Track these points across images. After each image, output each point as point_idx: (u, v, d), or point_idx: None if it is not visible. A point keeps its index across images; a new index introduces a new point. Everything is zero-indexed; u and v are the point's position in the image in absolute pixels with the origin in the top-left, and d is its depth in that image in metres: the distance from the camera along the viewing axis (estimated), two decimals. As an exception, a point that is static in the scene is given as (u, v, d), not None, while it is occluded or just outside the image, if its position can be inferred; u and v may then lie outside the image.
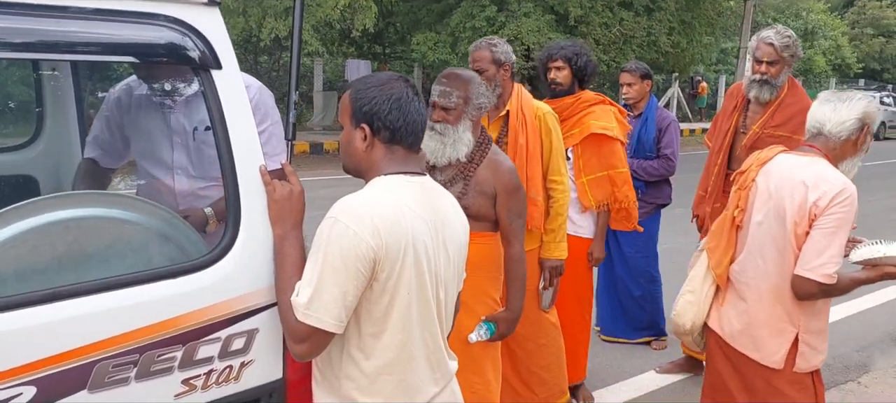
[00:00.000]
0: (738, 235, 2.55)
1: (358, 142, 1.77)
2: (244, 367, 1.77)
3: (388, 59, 20.89)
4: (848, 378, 4.45)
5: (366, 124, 1.76)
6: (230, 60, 1.71)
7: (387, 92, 1.75)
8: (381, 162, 1.78)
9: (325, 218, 1.69)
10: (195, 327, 1.65)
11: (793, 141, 3.75)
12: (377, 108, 1.75)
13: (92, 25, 1.54)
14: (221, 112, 1.69)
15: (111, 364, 1.54)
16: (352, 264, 1.63)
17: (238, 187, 1.71)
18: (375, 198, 1.71)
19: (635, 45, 17.24)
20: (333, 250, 1.63)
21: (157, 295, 1.60)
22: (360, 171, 1.83)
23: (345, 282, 1.63)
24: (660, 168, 4.54)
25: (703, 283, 2.60)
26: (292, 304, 1.67)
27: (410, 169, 1.81)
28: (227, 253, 1.71)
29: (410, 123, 1.78)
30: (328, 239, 1.65)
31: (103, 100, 2.66)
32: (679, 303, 2.65)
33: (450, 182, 2.71)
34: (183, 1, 1.64)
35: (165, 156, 2.42)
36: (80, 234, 1.58)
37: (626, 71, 4.66)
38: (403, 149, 1.80)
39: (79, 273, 1.56)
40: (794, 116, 3.78)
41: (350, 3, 14.21)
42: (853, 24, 37.00)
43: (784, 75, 3.81)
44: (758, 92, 3.83)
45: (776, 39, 3.76)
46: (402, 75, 1.84)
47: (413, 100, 1.78)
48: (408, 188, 1.77)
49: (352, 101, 1.78)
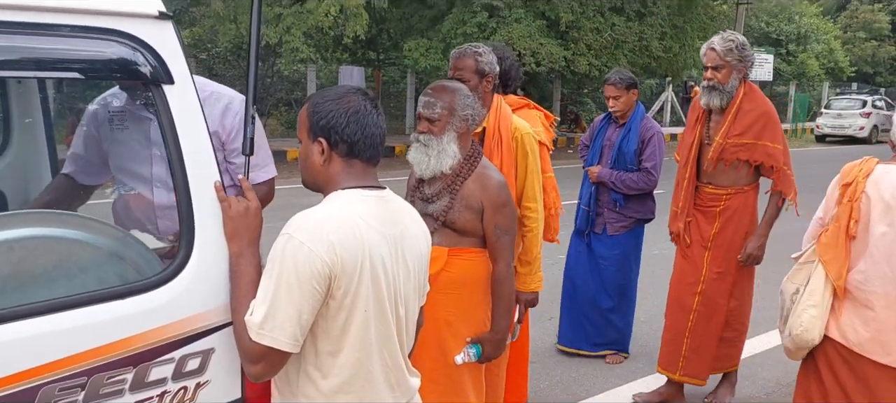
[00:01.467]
0: (852, 245, 2.58)
1: (315, 157, 1.75)
2: (200, 388, 1.73)
3: (382, 66, 20.88)
4: None
5: (323, 138, 1.73)
6: (183, 75, 1.67)
7: (344, 105, 1.73)
8: (338, 176, 1.76)
9: (281, 234, 1.65)
10: (147, 348, 1.62)
11: (758, 147, 3.75)
12: (334, 122, 1.72)
13: (37, 41, 1.50)
14: (174, 128, 1.65)
15: (57, 388, 1.50)
16: (306, 281, 1.60)
17: (191, 204, 1.68)
18: (331, 214, 1.68)
19: (627, 50, 17.26)
20: (288, 267, 1.60)
21: (105, 316, 1.56)
22: (318, 186, 1.80)
23: (299, 301, 1.60)
24: (639, 181, 4.42)
25: (823, 296, 2.62)
26: (246, 323, 1.63)
27: (369, 182, 1.78)
28: (180, 272, 1.67)
29: (368, 136, 1.75)
30: (282, 257, 1.61)
31: (71, 111, 2.62)
32: (804, 318, 2.63)
33: (436, 196, 2.66)
34: (132, 15, 1.61)
35: (143, 170, 2.38)
36: (25, 255, 1.54)
37: (610, 84, 4.50)
38: (362, 163, 1.77)
39: (24, 294, 1.52)
40: (755, 122, 3.75)
41: (341, 10, 14.21)
42: (845, 28, 37.08)
43: (734, 80, 3.75)
44: (707, 98, 3.79)
45: (719, 44, 3.74)
46: (361, 88, 1.82)
47: (371, 113, 1.75)
48: (365, 202, 1.74)
49: (309, 116, 1.76)
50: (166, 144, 1.66)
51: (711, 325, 3.91)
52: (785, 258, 2.85)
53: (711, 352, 3.95)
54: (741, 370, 4.65)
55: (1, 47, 1.48)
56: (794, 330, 2.67)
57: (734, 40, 3.75)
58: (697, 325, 3.93)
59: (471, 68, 3.05)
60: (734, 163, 3.80)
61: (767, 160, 3.78)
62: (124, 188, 2.45)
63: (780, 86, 30.95)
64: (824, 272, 2.62)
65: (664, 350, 4.09)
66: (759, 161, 3.78)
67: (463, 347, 2.68)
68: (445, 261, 2.64)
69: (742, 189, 3.85)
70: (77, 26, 1.56)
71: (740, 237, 3.86)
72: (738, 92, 3.78)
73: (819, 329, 2.62)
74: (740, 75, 3.78)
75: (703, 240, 3.91)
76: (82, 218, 1.79)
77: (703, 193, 3.93)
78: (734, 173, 3.83)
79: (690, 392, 4.20)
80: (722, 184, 3.86)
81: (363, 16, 14.47)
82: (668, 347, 4.05)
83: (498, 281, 2.66)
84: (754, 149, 3.76)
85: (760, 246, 3.85)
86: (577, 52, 16.48)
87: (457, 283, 2.66)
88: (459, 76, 3.03)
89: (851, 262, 2.58)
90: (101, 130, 2.45)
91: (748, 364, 4.75)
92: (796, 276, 2.76)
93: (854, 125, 23.58)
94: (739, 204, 3.85)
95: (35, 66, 1.58)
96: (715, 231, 3.87)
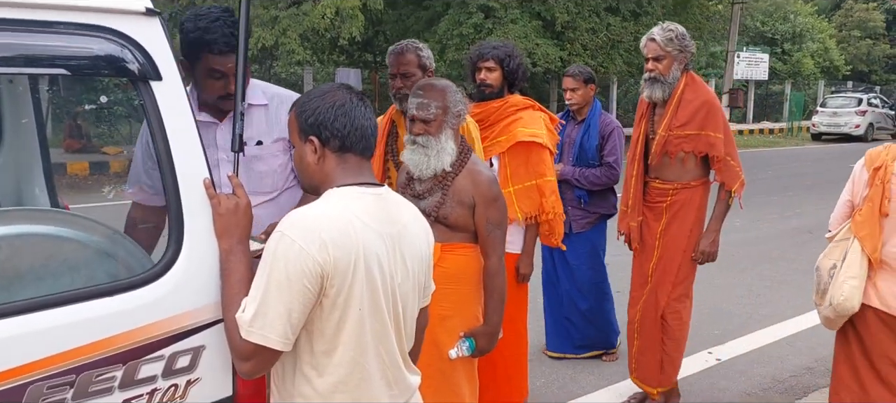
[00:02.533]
0: (884, 222, 2.89)
1: (309, 156, 1.75)
2: (190, 385, 1.72)
3: (378, 67, 20.88)
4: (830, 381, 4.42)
5: (314, 136, 1.73)
6: (171, 71, 1.67)
7: (330, 100, 1.73)
8: (334, 173, 1.75)
9: (274, 231, 1.65)
10: (136, 345, 1.61)
11: (701, 138, 3.65)
12: (322, 118, 1.72)
13: (23, 37, 1.49)
14: (162, 124, 1.65)
15: (45, 386, 1.49)
16: (297, 280, 1.59)
17: (180, 201, 1.67)
18: (325, 212, 1.67)
19: (622, 50, 17.30)
20: (279, 266, 1.60)
21: (94, 313, 1.55)
22: (316, 186, 1.79)
23: (290, 299, 1.60)
24: (602, 176, 4.37)
25: (861, 268, 2.93)
26: (237, 321, 1.63)
27: (365, 179, 1.77)
28: (169, 269, 1.66)
29: (358, 128, 1.74)
30: (274, 255, 1.61)
31: (68, 115, 2.60)
32: (845, 289, 2.93)
33: (428, 192, 2.67)
34: (120, 11, 1.60)
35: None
36: (11, 252, 1.54)
37: (568, 76, 4.47)
38: (356, 157, 1.77)
39: (10, 292, 1.51)
40: (697, 112, 3.65)
41: (337, 12, 14.21)
42: (841, 27, 37.17)
43: (675, 71, 3.66)
44: (650, 90, 3.72)
45: (658, 34, 3.66)
46: (345, 84, 1.81)
47: (358, 105, 1.75)
48: (361, 200, 1.73)
49: (297, 117, 1.76)
50: (155, 141, 1.65)
51: (654, 324, 3.81)
52: (776, 258, 2.86)
53: (657, 356, 3.83)
54: (736, 364, 4.68)
55: (-13, 44, 1.48)
56: (835, 299, 2.95)
57: (674, 30, 3.67)
58: (642, 325, 3.85)
59: (414, 63, 3.08)
60: (680, 156, 3.69)
61: (710, 150, 3.67)
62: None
63: (775, 86, 31.04)
64: (860, 247, 2.92)
65: (628, 354, 4.03)
66: (702, 151, 3.67)
67: (456, 341, 2.69)
68: (438, 257, 2.64)
69: (688, 184, 3.73)
70: (64, 23, 1.55)
71: (684, 234, 3.73)
72: (680, 82, 3.69)
73: (858, 298, 2.93)
74: (682, 66, 3.69)
75: (651, 237, 3.81)
76: (71, 215, 1.79)
77: (651, 189, 3.84)
78: (681, 167, 3.72)
79: (686, 390, 4.21)
80: (668, 178, 3.76)
81: (359, 18, 14.48)
82: (628, 351, 4.01)
83: (490, 274, 2.68)
84: (697, 140, 3.66)
85: (713, 242, 3.75)
86: (573, 52, 16.51)
87: (450, 278, 2.66)
88: (405, 71, 3.07)
89: (885, 237, 2.88)
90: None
91: (743, 360, 4.77)
92: (832, 253, 3.03)
93: (850, 123, 23.62)
94: (685, 200, 3.73)
95: (22, 63, 1.57)
96: (661, 227, 3.78)
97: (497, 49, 3.45)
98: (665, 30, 3.67)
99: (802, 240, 8.42)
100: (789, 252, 7.88)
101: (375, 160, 3.04)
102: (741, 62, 25.51)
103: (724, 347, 4.99)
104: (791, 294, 6.33)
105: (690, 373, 4.47)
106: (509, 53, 3.41)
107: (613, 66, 17.74)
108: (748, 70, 26.85)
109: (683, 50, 3.65)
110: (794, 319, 5.61)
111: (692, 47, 3.72)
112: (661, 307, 3.78)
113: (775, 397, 4.25)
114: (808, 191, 12.20)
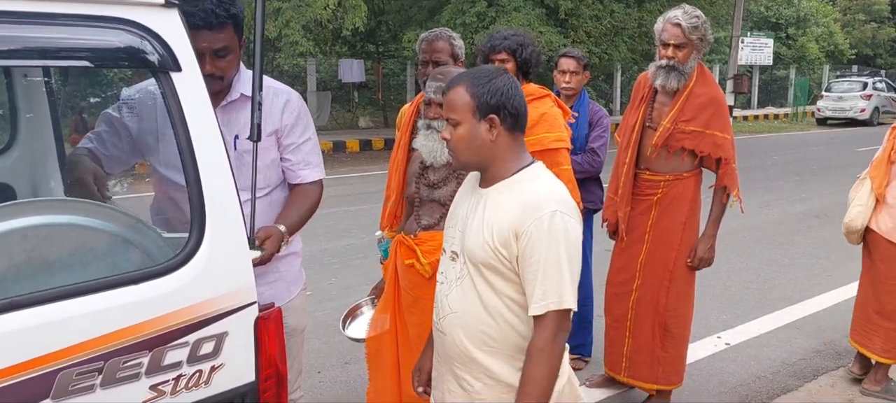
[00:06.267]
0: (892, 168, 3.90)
1: (484, 134, 1.89)
2: (214, 371, 1.75)
3: (381, 58, 20.86)
4: (840, 363, 4.45)
5: (494, 114, 1.87)
6: (190, 62, 1.69)
7: (506, 81, 1.88)
8: (509, 150, 1.92)
9: (543, 213, 1.82)
10: (162, 332, 1.64)
11: (705, 136, 3.44)
12: (504, 98, 1.86)
13: (45, 30, 1.52)
14: (182, 115, 1.67)
15: (75, 372, 1.52)
16: (578, 248, 1.87)
17: (202, 189, 1.69)
18: (561, 188, 1.92)
19: (626, 37, 17.23)
20: (571, 239, 1.84)
21: (120, 301, 1.58)
22: (485, 163, 1.94)
23: (578, 264, 1.88)
24: (584, 163, 4.07)
25: (868, 199, 3.93)
26: (559, 312, 1.84)
27: (529, 157, 1.99)
28: (192, 257, 1.69)
29: (525, 109, 1.93)
30: (557, 233, 1.82)
31: (73, 109, 2.60)
32: (853, 213, 3.99)
33: (443, 181, 2.66)
34: (139, 3, 1.62)
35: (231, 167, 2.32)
36: (39, 242, 1.56)
37: (570, 57, 4.18)
38: (522, 136, 1.95)
39: (39, 281, 1.54)
40: (705, 107, 3.45)
41: (340, 3, 14.18)
42: (845, 11, 36.96)
43: (693, 61, 3.44)
44: (664, 79, 3.44)
45: (684, 20, 3.38)
46: (499, 67, 1.99)
47: (519, 87, 1.92)
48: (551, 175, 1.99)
49: (473, 97, 1.87)
50: (175, 131, 1.67)
51: (651, 323, 3.62)
52: (783, 242, 2.85)
53: (654, 353, 3.64)
54: (748, 349, 4.69)
55: (10, 37, 1.50)
56: (846, 218, 4.04)
57: (700, 16, 3.42)
58: (636, 323, 3.66)
59: (447, 51, 3.06)
60: (677, 151, 3.50)
61: (715, 151, 3.47)
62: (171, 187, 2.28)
63: (780, 70, 30.89)
64: (870, 184, 3.94)
65: (608, 350, 3.83)
66: (705, 152, 3.47)
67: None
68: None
69: (681, 175, 3.54)
70: (85, 15, 1.57)
71: (678, 227, 3.55)
72: (693, 74, 3.46)
73: (862, 221, 3.95)
74: (699, 56, 3.47)
75: (640, 231, 3.62)
76: (95, 205, 1.81)
77: (640, 180, 3.62)
78: (676, 160, 3.52)
79: (695, 375, 4.23)
80: (660, 170, 3.55)
81: (362, 8, 14.44)
82: (611, 347, 3.79)
83: None
84: (701, 139, 3.46)
85: (710, 248, 3.56)
86: (577, 39, 16.45)
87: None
88: (437, 59, 3.03)
89: (889, 178, 3.90)
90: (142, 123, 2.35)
91: (752, 344, 4.79)
92: (858, 188, 4.06)
93: (855, 107, 23.54)
94: (678, 193, 3.54)
95: (46, 56, 1.60)
96: (651, 221, 3.58)
97: (508, 39, 3.33)
98: (690, 15, 3.41)
99: (809, 225, 8.42)
100: (796, 236, 7.89)
101: (400, 148, 3.03)
102: (745, 47, 25.38)
103: (732, 331, 5.01)
104: (799, 277, 6.35)
105: (699, 358, 4.49)
106: (521, 42, 3.30)
107: (617, 53, 17.67)
108: (752, 55, 26.72)
109: (704, 39, 3.43)
110: (803, 302, 5.64)
111: (711, 37, 3.51)
112: (661, 309, 3.60)
113: (785, 380, 4.26)
114: (814, 176, 12.18)
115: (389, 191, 3.05)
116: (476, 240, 1.92)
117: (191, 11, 2.13)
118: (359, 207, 8.60)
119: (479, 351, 1.95)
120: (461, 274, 1.98)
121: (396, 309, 2.78)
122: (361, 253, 6.60)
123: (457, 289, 1.99)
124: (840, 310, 5.33)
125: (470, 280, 1.95)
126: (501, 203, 1.90)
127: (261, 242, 2.17)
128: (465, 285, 1.96)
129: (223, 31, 2.19)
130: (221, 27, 2.18)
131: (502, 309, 1.93)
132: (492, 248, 1.88)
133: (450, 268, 2.03)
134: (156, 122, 2.20)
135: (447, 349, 2.03)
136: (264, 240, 2.18)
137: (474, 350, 1.96)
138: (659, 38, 3.49)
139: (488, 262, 1.90)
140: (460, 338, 1.97)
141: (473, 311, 1.95)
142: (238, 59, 2.34)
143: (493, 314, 1.93)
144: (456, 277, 2.00)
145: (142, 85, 2.39)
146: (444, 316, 2.02)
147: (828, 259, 6.96)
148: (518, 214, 1.85)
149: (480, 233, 1.91)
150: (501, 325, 1.93)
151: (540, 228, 1.81)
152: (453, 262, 2.02)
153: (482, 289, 1.93)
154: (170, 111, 1.66)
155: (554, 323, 1.84)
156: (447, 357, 2.05)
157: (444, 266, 2.08)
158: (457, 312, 1.98)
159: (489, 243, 1.88)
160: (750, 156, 13.79)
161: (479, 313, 1.94)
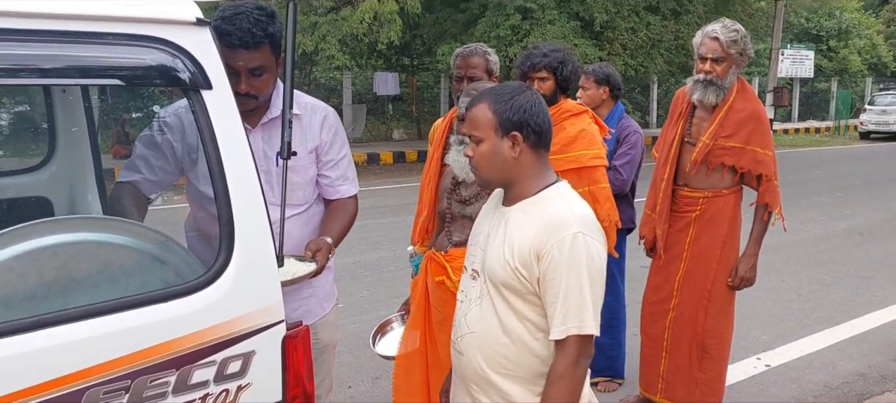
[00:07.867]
0: None
1: (507, 151, 1.86)
2: (241, 391, 1.74)
3: (416, 71, 20.96)
4: (885, 387, 4.30)
5: (517, 131, 1.84)
6: (221, 80, 1.69)
7: (529, 98, 1.86)
8: (533, 167, 1.89)
9: (566, 234, 1.78)
10: (189, 351, 1.63)
11: (746, 152, 3.37)
12: (527, 117, 1.84)
13: (79, 49, 1.53)
14: (213, 132, 1.66)
15: (102, 391, 1.52)
16: (603, 270, 1.84)
17: (231, 208, 1.69)
18: (586, 209, 1.88)
19: (663, 49, 17.07)
20: (594, 262, 1.81)
21: (148, 319, 1.57)
22: (508, 180, 1.91)
23: (600, 288, 1.85)
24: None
25: None
26: (580, 337, 1.80)
27: (554, 175, 1.96)
28: (220, 275, 1.68)
29: (550, 126, 1.91)
30: (579, 255, 1.78)
31: (116, 121, 2.64)
32: None
33: (474, 198, 2.64)
34: (171, 22, 1.62)
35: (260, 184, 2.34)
36: (68, 260, 1.57)
37: (582, 73, 4.10)
38: (546, 153, 1.92)
39: (67, 299, 1.54)
40: (746, 123, 3.37)
41: (375, 17, 14.30)
42: (889, 23, 36.12)
43: (732, 76, 3.37)
44: (701, 94, 3.38)
45: (722, 33, 3.32)
46: (523, 83, 1.97)
47: (543, 104, 1.90)
48: None
49: (496, 114, 1.85)
50: (205, 149, 1.67)
51: (689, 343, 3.54)
52: (825, 260, 2.75)
53: (692, 374, 3.55)
54: (788, 371, 4.56)
55: (46, 56, 1.51)
56: None
57: (739, 30, 3.35)
58: (674, 343, 3.58)
59: (482, 67, 3.04)
60: (717, 167, 3.43)
61: (755, 168, 3.39)
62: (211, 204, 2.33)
63: (821, 83, 30.29)
64: None
65: (643, 370, 3.76)
66: (745, 168, 3.40)
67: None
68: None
69: (720, 192, 3.46)
70: (118, 34, 1.58)
71: (717, 245, 3.46)
72: (732, 89, 3.39)
73: None
74: (739, 71, 3.39)
75: (678, 248, 3.55)
76: (124, 222, 1.82)
77: (678, 197, 3.55)
78: (715, 176, 3.45)
79: (734, 397, 4.12)
80: (699, 187, 3.49)
81: (397, 22, 14.54)
82: (647, 367, 3.73)
83: None
84: (742, 155, 3.38)
85: (751, 267, 3.45)
86: (613, 52, 16.34)
87: None
88: (472, 75, 3.02)
89: None
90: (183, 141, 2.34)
91: (793, 366, 4.65)
92: None
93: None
94: (717, 209, 3.46)
95: (79, 74, 1.61)
96: (690, 239, 3.51)
97: (548, 56, 3.23)
98: (729, 29, 3.34)
99: (853, 243, 8.19)
100: (839, 254, 7.67)
101: (432, 163, 3.01)
102: (785, 60, 24.95)
103: (773, 352, 4.87)
104: (842, 297, 6.16)
105: (738, 380, 4.37)
106: (561, 60, 3.21)
107: (654, 65, 17.50)
108: (793, 68, 26.27)
109: (744, 53, 3.35)
110: (846, 324, 5.46)
111: (751, 51, 3.42)
112: (699, 329, 3.51)
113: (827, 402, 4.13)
114: (858, 192, 11.87)
115: (421, 205, 3.04)
116: (497, 259, 1.88)
117: (228, 31, 2.13)
118: (392, 219, 8.62)
119: (495, 374, 1.91)
120: (481, 293, 1.94)
121: (427, 326, 2.75)
122: (394, 266, 6.59)
123: (476, 309, 1.95)
124: (885, 332, 5.16)
125: (490, 300, 1.91)
126: (523, 222, 1.87)
127: (312, 254, 2.20)
128: (485, 305, 1.92)
129: (259, 50, 2.20)
130: (257, 46, 2.18)
131: (521, 331, 1.88)
132: (512, 269, 1.84)
133: (470, 287, 2.00)
134: (196, 140, 2.21)
135: (464, 369, 1.99)
136: (315, 252, 2.21)
137: (491, 373, 1.91)
138: (697, 51, 3.43)
139: (508, 283, 1.86)
140: (477, 359, 1.93)
141: (491, 333, 1.91)
142: (274, 78, 2.34)
143: (511, 336, 1.89)
144: (476, 296, 1.96)
145: (182, 102, 2.40)
146: (462, 336, 1.98)
147: (873, 278, 6.75)
148: (540, 235, 1.81)
149: (501, 253, 1.87)
150: (519, 348, 1.89)
151: (562, 250, 1.77)
152: (474, 281, 1.98)
153: (502, 310, 1.89)
154: (200, 128, 1.66)
155: (575, 348, 1.80)
156: (464, 377, 2.01)
157: (465, 284, 2.04)
158: (475, 332, 1.94)
159: (510, 263, 1.85)
160: (790, 171, 13.49)
161: (497, 335, 1.90)
